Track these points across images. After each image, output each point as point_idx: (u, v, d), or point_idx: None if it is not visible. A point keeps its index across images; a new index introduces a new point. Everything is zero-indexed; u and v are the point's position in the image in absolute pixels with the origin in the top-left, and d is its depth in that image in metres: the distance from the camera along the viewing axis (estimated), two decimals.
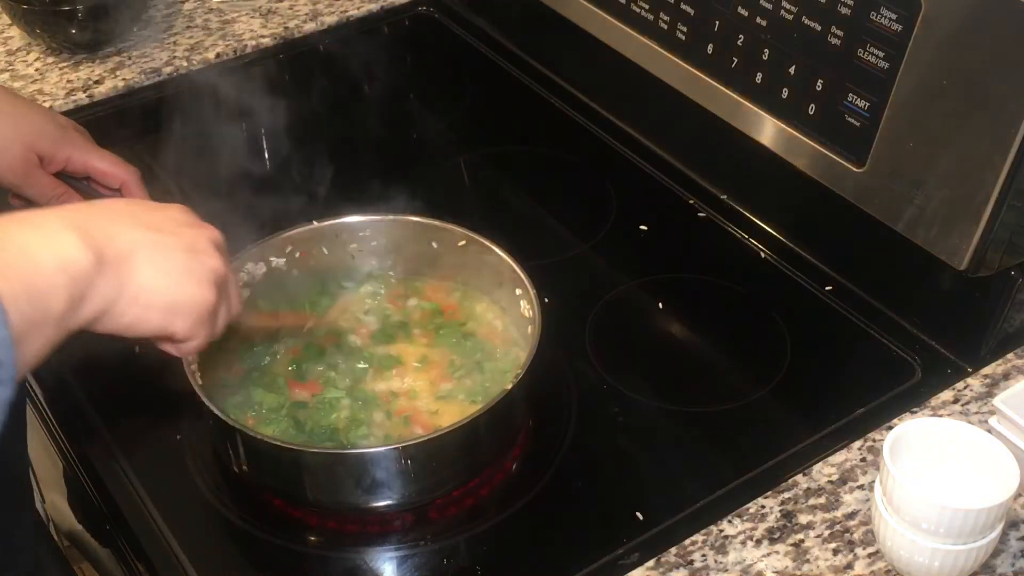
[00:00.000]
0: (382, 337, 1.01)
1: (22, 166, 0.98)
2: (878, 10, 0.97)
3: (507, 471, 0.95)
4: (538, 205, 1.27)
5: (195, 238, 0.76)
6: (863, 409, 0.98)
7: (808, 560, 0.85)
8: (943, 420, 0.85)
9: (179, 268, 0.73)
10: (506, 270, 1.00)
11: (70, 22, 1.40)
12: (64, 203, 1.01)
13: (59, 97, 1.36)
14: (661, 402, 1.01)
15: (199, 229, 0.77)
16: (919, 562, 0.80)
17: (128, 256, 0.69)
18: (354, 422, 0.93)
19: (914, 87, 0.96)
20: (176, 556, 0.87)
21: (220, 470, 0.94)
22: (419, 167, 1.26)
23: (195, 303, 0.74)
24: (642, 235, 1.20)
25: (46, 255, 0.63)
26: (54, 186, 1.01)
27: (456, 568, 0.88)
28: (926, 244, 0.99)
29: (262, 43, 1.48)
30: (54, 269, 0.63)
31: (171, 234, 0.74)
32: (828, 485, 0.91)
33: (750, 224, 1.19)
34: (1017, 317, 1.01)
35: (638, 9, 1.21)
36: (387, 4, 1.56)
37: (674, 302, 1.12)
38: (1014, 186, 0.92)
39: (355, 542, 0.91)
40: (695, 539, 0.87)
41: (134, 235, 0.70)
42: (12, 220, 0.65)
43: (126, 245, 0.69)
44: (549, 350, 0.94)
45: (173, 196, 1.25)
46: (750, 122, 1.12)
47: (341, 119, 1.25)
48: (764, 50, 1.08)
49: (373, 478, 0.86)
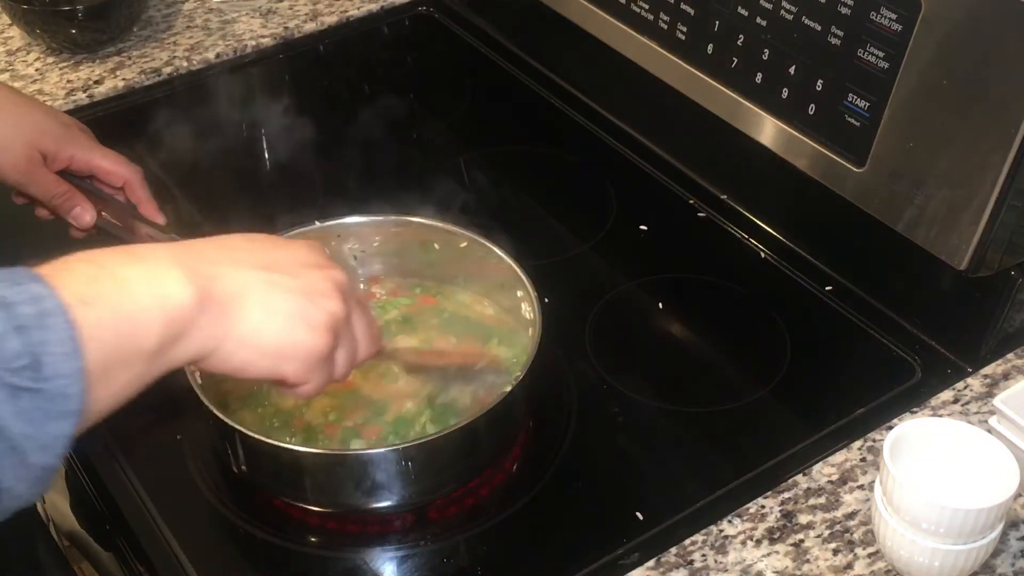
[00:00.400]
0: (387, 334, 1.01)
1: (25, 164, 0.98)
2: (878, 10, 0.97)
3: (507, 471, 0.95)
4: (538, 205, 1.27)
5: (314, 280, 0.72)
6: (863, 409, 0.98)
7: (808, 560, 0.85)
8: (943, 420, 0.85)
9: (291, 311, 0.69)
10: (508, 272, 1.00)
11: (70, 22, 1.40)
12: (67, 202, 1.01)
13: (59, 97, 1.36)
14: (661, 402, 1.01)
15: (320, 270, 0.73)
16: (919, 562, 0.80)
17: (237, 296, 0.67)
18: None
19: (914, 87, 0.96)
20: (176, 556, 0.87)
21: (220, 470, 0.94)
22: (419, 167, 1.26)
23: (305, 349, 0.70)
24: (642, 235, 1.20)
25: (143, 288, 0.62)
26: (57, 184, 1.01)
27: (456, 568, 0.88)
28: (926, 244, 0.99)
29: (262, 43, 1.48)
30: (150, 304, 0.62)
31: (288, 274, 0.70)
32: (828, 485, 0.91)
33: (750, 224, 1.19)
34: (1017, 317, 1.01)
35: (638, 9, 1.21)
36: (387, 4, 1.56)
37: (674, 302, 1.12)
38: (1014, 186, 0.92)
39: (355, 542, 0.91)
40: (695, 539, 0.87)
41: (246, 276, 0.68)
42: (120, 252, 0.64)
43: (236, 286, 0.67)
44: (549, 350, 0.94)
45: (173, 196, 1.25)
46: (750, 122, 1.12)
47: (341, 119, 1.25)
48: (764, 50, 1.08)
49: (373, 479, 0.86)
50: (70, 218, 1.01)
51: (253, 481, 0.92)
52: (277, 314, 0.68)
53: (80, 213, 1.01)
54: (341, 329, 0.72)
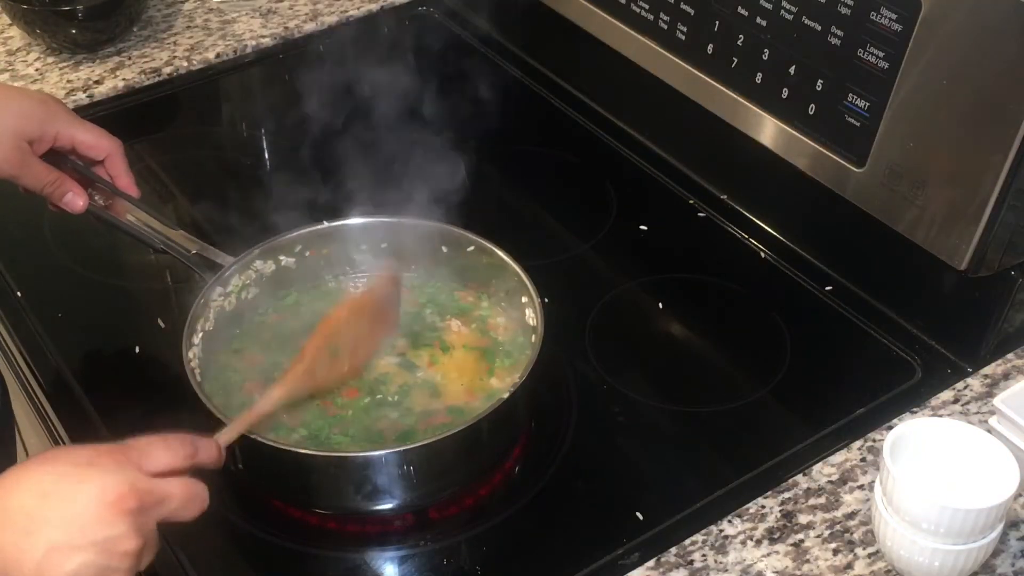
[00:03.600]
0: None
1: (16, 156, 0.98)
2: (878, 10, 0.97)
3: (507, 471, 0.95)
4: (538, 205, 1.27)
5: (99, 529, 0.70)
6: (863, 409, 0.98)
7: (808, 560, 0.85)
8: (943, 420, 0.85)
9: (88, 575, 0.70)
10: (513, 277, 1.00)
11: (70, 22, 1.40)
12: (58, 189, 1.00)
13: (59, 97, 1.36)
14: (661, 402, 1.01)
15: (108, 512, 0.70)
16: (919, 562, 0.80)
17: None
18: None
19: (914, 87, 0.96)
20: (176, 556, 0.87)
21: (220, 470, 0.94)
22: (418, 167, 1.26)
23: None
24: (642, 235, 1.20)
25: None
26: (48, 172, 1.00)
27: (456, 568, 0.88)
28: (926, 244, 0.99)
29: (262, 43, 1.48)
30: None
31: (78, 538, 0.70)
32: (828, 485, 0.91)
33: (750, 224, 1.19)
34: (1017, 317, 1.01)
35: (638, 9, 1.21)
36: (387, 4, 1.57)
37: (674, 302, 1.12)
38: (1014, 186, 0.92)
39: (355, 543, 0.91)
40: (695, 539, 0.87)
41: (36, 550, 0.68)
42: None
43: (32, 564, 0.68)
44: (549, 350, 0.94)
45: (173, 196, 1.25)
46: (750, 122, 1.12)
47: (341, 119, 1.25)
48: (764, 50, 1.08)
49: (373, 483, 0.86)
50: (62, 204, 1.01)
51: (253, 481, 0.92)
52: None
53: (72, 199, 1.00)
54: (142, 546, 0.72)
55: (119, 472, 0.72)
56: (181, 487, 0.76)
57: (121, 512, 0.71)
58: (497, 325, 1.02)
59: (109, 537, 0.70)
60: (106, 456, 0.73)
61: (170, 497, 0.74)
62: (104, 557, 0.70)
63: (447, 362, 0.99)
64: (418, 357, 0.99)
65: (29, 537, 0.69)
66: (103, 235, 1.14)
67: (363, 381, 0.97)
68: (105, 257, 1.17)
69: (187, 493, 0.76)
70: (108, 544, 0.70)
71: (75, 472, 0.72)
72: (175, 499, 0.75)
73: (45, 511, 0.70)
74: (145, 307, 1.12)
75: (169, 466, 0.76)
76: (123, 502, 0.71)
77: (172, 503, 0.75)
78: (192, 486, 0.77)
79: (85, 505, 0.70)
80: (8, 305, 1.10)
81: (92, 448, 0.74)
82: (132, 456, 0.74)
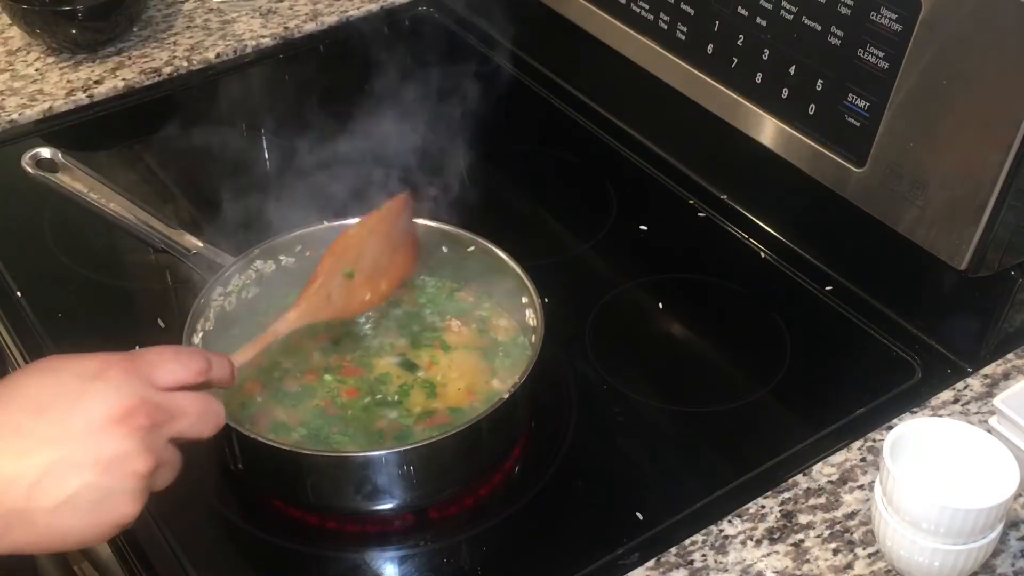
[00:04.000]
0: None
1: None
2: (878, 10, 0.97)
3: (507, 471, 0.95)
4: (538, 205, 1.27)
5: (109, 445, 0.65)
6: (863, 409, 0.98)
7: (808, 560, 0.85)
8: (943, 420, 0.85)
9: (90, 500, 0.64)
10: (513, 277, 1.00)
11: (70, 22, 1.40)
12: None
13: (59, 97, 1.36)
14: (661, 402, 1.01)
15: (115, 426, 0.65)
16: (919, 562, 0.80)
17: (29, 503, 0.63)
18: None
19: (914, 87, 0.96)
20: (176, 556, 0.87)
21: (220, 470, 0.94)
22: (418, 167, 1.26)
23: (121, 521, 0.66)
24: (642, 235, 1.20)
25: None
26: None
27: (456, 568, 0.88)
28: (926, 244, 0.99)
29: (262, 43, 1.48)
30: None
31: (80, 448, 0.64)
32: (828, 485, 0.91)
33: (750, 224, 1.19)
34: (1017, 317, 1.01)
35: (638, 9, 1.21)
36: (387, 4, 1.57)
37: (674, 302, 1.12)
38: (1014, 186, 0.92)
39: (355, 542, 0.91)
40: (695, 539, 0.87)
41: (35, 468, 0.63)
42: None
43: (21, 490, 0.63)
44: (549, 350, 0.94)
45: (173, 196, 1.25)
46: (750, 122, 1.12)
47: (341, 119, 1.25)
48: (764, 50, 1.08)
49: (373, 483, 0.86)
50: None
51: (253, 481, 0.92)
52: (80, 504, 0.64)
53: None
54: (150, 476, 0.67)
55: (127, 385, 0.66)
56: (194, 402, 0.70)
57: (129, 428, 0.65)
58: (497, 325, 1.02)
59: (115, 455, 0.64)
60: (114, 368, 0.67)
61: (183, 413, 0.69)
62: (109, 478, 0.64)
63: (447, 362, 0.99)
64: (418, 357, 0.99)
65: (22, 458, 0.63)
66: (103, 235, 1.14)
67: (363, 381, 0.97)
68: (105, 257, 1.17)
69: (201, 408, 0.70)
70: (114, 463, 0.64)
71: (78, 385, 0.65)
72: (188, 415, 0.69)
73: (41, 428, 0.64)
74: (145, 307, 1.12)
75: (181, 381, 0.70)
76: (132, 417, 0.65)
77: (185, 420, 0.69)
78: (206, 401, 0.71)
79: (88, 421, 0.64)
80: (8, 305, 1.10)
81: (98, 358, 0.68)
82: (141, 368, 0.68)
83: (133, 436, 0.65)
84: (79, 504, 0.64)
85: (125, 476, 0.65)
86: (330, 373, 0.97)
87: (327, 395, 0.95)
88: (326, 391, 0.96)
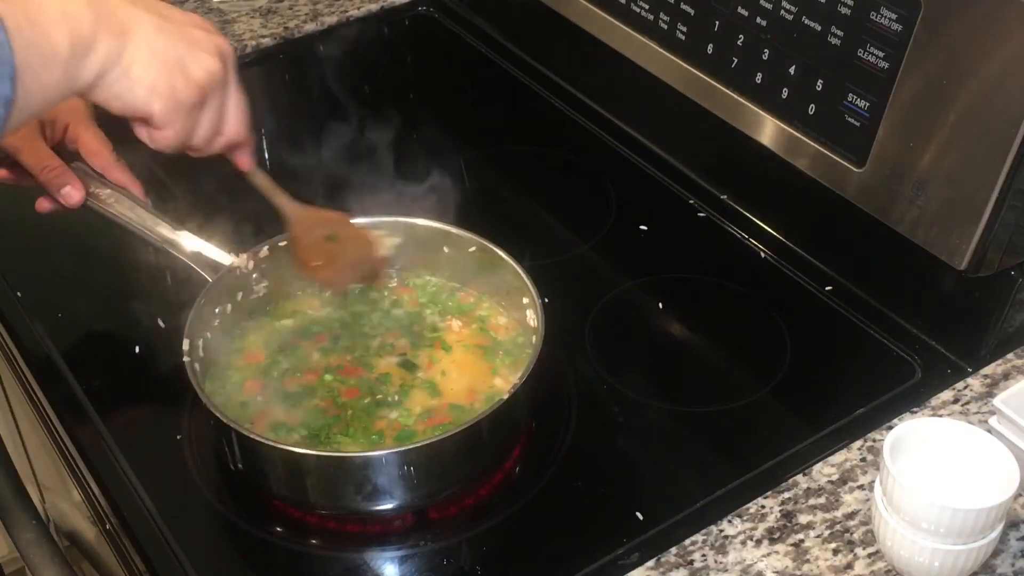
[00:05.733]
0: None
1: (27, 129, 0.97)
2: (878, 10, 0.97)
3: (507, 471, 0.95)
4: (538, 205, 1.27)
5: (201, 38, 0.80)
6: (863, 409, 0.98)
7: (808, 560, 0.85)
8: (943, 420, 0.85)
9: (173, 55, 0.77)
10: (513, 277, 1.00)
11: None
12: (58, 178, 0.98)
13: None
14: (661, 402, 1.01)
15: (209, 34, 0.81)
16: (919, 562, 0.80)
17: (129, 30, 0.75)
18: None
19: (914, 87, 0.96)
20: (176, 556, 0.87)
21: (220, 470, 0.94)
22: (418, 167, 1.26)
23: (177, 92, 0.78)
24: (642, 235, 1.20)
25: (52, 4, 0.70)
26: (50, 157, 0.99)
27: (456, 568, 0.88)
28: (926, 244, 0.99)
29: (262, 43, 1.48)
30: (56, 17, 0.70)
31: (178, 26, 0.79)
32: (828, 485, 0.91)
33: (750, 224, 1.19)
34: (1017, 317, 1.01)
35: (638, 9, 1.21)
36: (387, 4, 1.57)
37: (674, 302, 1.12)
38: (1014, 186, 0.92)
39: (355, 542, 0.91)
40: (695, 539, 0.87)
41: (141, 16, 0.76)
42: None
43: (130, 21, 0.75)
44: (549, 350, 0.94)
45: (173, 195, 1.25)
46: (750, 122, 1.12)
47: (341, 119, 1.25)
48: (764, 50, 1.08)
49: (373, 483, 0.86)
50: (60, 196, 0.99)
51: (253, 481, 0.92)
52: (159, 54, 0.77)
53: (70, 192, 0.99)
54: (215, 90, 0.81)
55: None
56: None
57: (216, 45, 0.81)
58: (498, 325, 1.02)
59: (200, 42, 0.79)
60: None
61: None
62: (190, 51, 0.78)
63: (447, 362, 0.99)
64: (418, 357, 0.99)
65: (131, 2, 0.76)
66: (103, 235, 1.14)
67: (363, 381, 0.97)
68: (105, 257, 1.17)
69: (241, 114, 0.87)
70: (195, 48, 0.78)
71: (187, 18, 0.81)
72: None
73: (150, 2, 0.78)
74: (145, 307, 1.12)
75: None
76: (223, 45, 0.81)
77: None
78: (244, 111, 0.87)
79: (192, 18, 0.81)
80: (8, 305, 1.10)
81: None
82: None
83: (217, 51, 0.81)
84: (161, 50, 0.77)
85: (202, 65, 0.79)
86: (330, 373, 0.97)
87: (327, 395, 0.95)
88: (326, 391, 0.96)
